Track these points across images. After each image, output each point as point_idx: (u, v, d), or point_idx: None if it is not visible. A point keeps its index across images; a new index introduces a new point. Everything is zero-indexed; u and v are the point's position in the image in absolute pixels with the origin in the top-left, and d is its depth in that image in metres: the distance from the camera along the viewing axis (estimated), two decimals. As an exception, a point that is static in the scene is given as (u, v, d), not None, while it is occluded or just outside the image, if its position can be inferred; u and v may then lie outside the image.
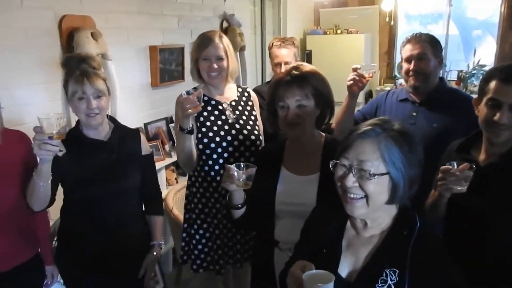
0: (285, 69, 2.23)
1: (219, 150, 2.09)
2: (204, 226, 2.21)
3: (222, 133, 2.10)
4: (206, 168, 2.13)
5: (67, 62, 1.79)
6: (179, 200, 2.97)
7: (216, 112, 2.13)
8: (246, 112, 2.20)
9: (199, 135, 2.09)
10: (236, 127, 2.13)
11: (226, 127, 2.11)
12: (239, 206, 1.63)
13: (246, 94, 2.27)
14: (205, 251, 2.23)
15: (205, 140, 2.08)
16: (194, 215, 2.23)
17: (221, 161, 2.10)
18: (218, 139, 2.09)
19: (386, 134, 1.14)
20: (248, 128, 2.15)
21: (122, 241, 1.85)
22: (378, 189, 1.13)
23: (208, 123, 2.10)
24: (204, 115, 2.10)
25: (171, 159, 3.40)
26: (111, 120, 1.91)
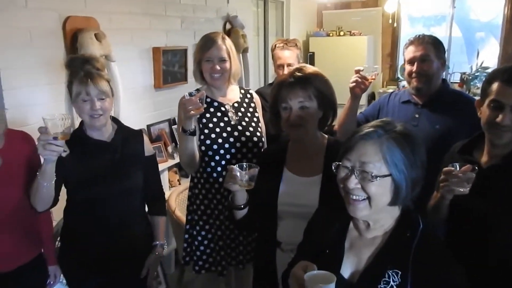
0: (288, 70, 2.24)
1: (222, 152, 2.10)
2: (206, 227, 2.21)
3: (224, 135, 2.10)
4: (208, 170, 2.13)
5: (71, 63, 1.80)
6: (181, 201, 2.98)
7: (218, 114, 2.13)
8: (249, 114, 2.21)
9: (202, 137, 2.09)
10: (239, 128, 2.13)
11: (229, 128, 2.12)
12: (242, 206, 1.63)
13: (248, 95, 2.27)
14: (207, 252, 2.23)
15: (208, 142, 2.08)
16: (196, 216, 2.23)
17: (223, 162, 2.10)
18: (220, 140, 2.09)
19: (388, 135, 1.14)
20: (250, 129, 2.15)
21: (125, 241, 1.86)
22: (380, 191, 1.13)
23: (210, 125, 2.10)
24: (207, 116, 2.10)
25: (174, 160, 3.40)
26: (114, 121, 1.92)
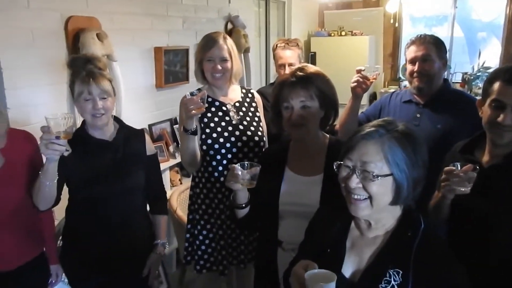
0: (289, 70, 2.24)
1: (223, 151, 2.10)
2: (208, 226, 2.21)
3: (225, 134, 2.10)
4: (209, 169, 2.13)
5: (73, 63, 1.81)
6: (183, 201, 2.98)
7: (220, 113, 2.14)
8: (250, 113, 2.21)
9: (203, 136, 2.09)
10: (240, 128, 2.13)
11: (230, 128, 2.12)
12: (243, 205, 1.64)
13: (250, 95, 2.28)
14: (208, 252, 2.24)
15: (209, 141, 2.09)
16: (197, 216, 2.23)
17: (224, 162, 2.11)
18: (221, 140, 2.09)
19: (390, 135, 1.14)
20: (251, 129, 2.16)
21: (126, 240, 1.86)
22: (382, 190, 1.13)
23: (212, 124, 2.11)
24: (208, 116, 2.11)
25: (175, 160, 3.41)
26: (116, 120, 1.92)
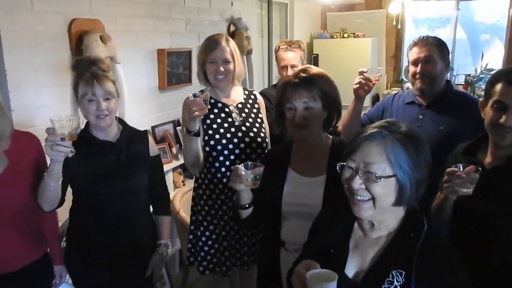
0: (292, 72, 2.24)
1: (226, 152, 2.10)
2: (211, 227, 2.22)
3: (228, 135, 2.11)
4: (212, 170, 2.14)
5: (77, 65, 1.82)
6: (186, 202, 2.98)
7: (222, 115, 2.14)
8: (252, 115, 2.22)
9: (206, 137, 2.10)
10: (242, 129, 2.14)
11: (233, 129, 2.13)
12: (247, 206, 1.64)
13: (252, 96, 2.28)
14: (211, 253, 2.24)
15: (212, 142, 2.09)
16: (200, 217, 2.24)
17: (227, 163, 2.11)
18: (224, 141, 2.10)
19: (393, 136, 1.14)
20: (254, 130, 2.16)
21: (130, 241, 1.87)
22: (385, 191, 1.13)
23: (214, 126, 2.11)
24: (211, 117, 2.12)
25: (178, 161, 3.41)
26: (119, 122, 1.93)
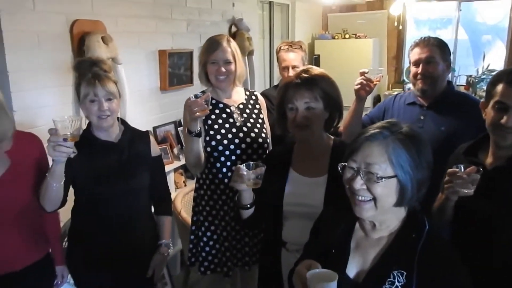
0: (293, 72, 2.25)
1: (227, 153, 2.11)
2: (212, 228, 2.22)
3: (229, 136, 2.11)
4: (214, 171, 2.14)
5: (79, 65, 1.83)
6: (187, 202, 2.99)
7: (223, 115, 2.15)
8: (254, 115, 2.22)
9: (207, 138, 2.10)
10: (244, 130, 2.14)
11: (234, 130, 2.13)
12: (248, 206, 1.64)
13: (253, 97, 2.28)
14: (212, 253, 2.24)
15: (213, 143, 2.10)
16: (202, 217, 2.24)
17: (228, 163, 2.11)
18: (225, 141, 2.10)
19: (394, 137, 1.14)
20: (255, 131, 2.17)
21: (131, 241, 1.87)
22: (386, 192, 1.13)
23: (216, 126, 2.12)
24: (212, 118, 2.12)
25: (180, 162, 3.42)
26: (121, 122, 1.94)
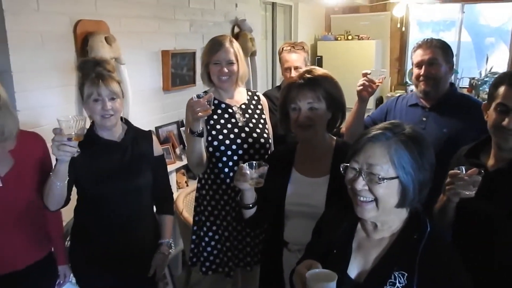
0: (295, 73, 2.25)
1: (229, 153, 2.11)
2: (214, 228, 2.22)
3: (231, 136, 2.12)
4: (215, 171, 2.15)
5: (83, 65, 1.84)
6: (189, 202, 2.99)
7: (226, 115, 2.15)
8: (256, 116, 2.22)
9: (209, 138, 2.11)
10: (246, 130, 2.15)
11: (236, 130, 2.13)
12: (250, 206, 1.65)
13: (255, 97, 2.29)
14: (214, 254, 2.24)
15: (215, 143, 2.10)
16: (203, 217, 2.24)
17: (230, 163, 2.12)
18: (227, 141, 2.11)
19: (396, 138, 1.14)
20: (257, 131, 2.17)
21: (133, 241, 1.88)
22: (388, 193, 1.14)
23: (218, 126, 2.12)
24: (214, 118, 2.12)
25: (182, 162, 3.42)
26: (124, 122, 1.95)
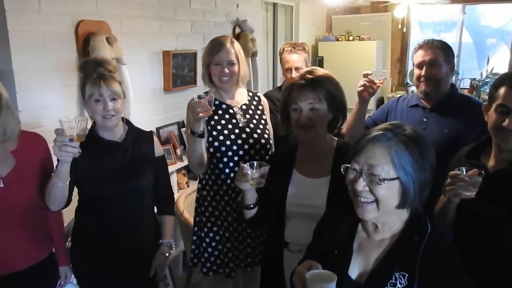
0: (296, 74, 2.25)
1: (230, 154, 2.11)
2: (214, 229, 2.22)
3: (232, 137, 2.12)
4: (216, 171, 2.15)
5: (85, 66, 1.84)
6: (189, 203, 2.99)
7: (226, 116, 2.15)
8: (256, 116, 2.22)
9: (210, 139, 2.11)
10: (246, 130, 2.15)
11: (237, 130, 2.13)
12: (251, 206, 1.65)
13: (256, 98, 2.29)
14: (215, 254, 2.24)
15: (216, 144, 2.10)
16: (204, 218, 2.24)
17: (231, 164, 2.12)
18: (228, 142, 2.11)
19: (397, 139, 1.14)
20: (258, 132, 2.17)
21: (134, 241, 1.88)
22: (388, 194, 1.14)
23: (218, 127, 2.12)
24: (215, 118, 2.12)
25: (183, 163, 3.42)
26: (125, 122, 1.95)
